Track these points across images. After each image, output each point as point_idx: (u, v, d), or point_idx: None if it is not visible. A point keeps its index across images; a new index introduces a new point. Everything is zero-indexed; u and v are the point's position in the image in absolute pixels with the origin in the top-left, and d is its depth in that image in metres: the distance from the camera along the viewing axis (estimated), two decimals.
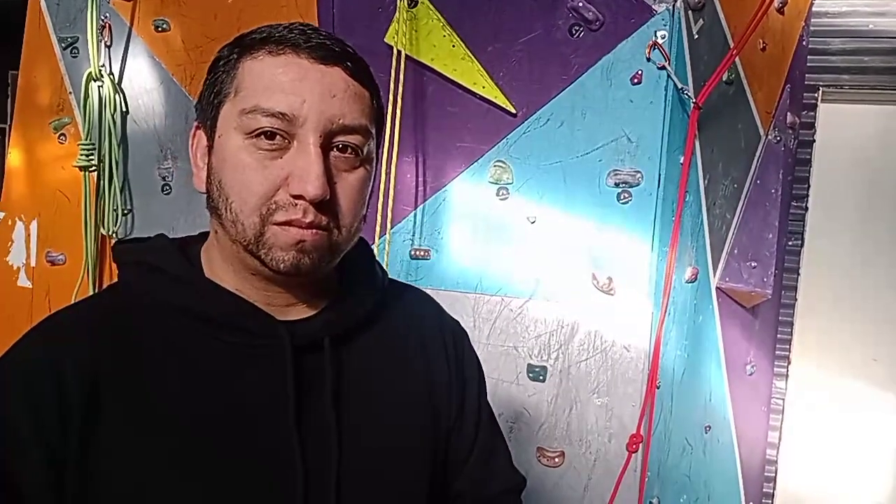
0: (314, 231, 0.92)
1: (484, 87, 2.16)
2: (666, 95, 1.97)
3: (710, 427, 2.38)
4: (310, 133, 0.90)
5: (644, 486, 2.00)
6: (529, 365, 2.13)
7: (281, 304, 1.02)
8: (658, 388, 2.01)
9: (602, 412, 2.05)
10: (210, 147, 0.97)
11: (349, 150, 0.94)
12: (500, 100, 2.15)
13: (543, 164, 2.12)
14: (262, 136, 0.90)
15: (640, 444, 1.95)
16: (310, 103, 0.90)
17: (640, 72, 2.00)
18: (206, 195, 0.99)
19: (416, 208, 2.28)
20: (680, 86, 1.96)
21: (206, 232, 1.07)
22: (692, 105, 1.99)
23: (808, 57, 3.12)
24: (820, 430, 3.59)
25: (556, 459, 2.09)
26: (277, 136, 0.90)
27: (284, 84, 0.90)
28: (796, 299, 3.49)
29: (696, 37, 2.06)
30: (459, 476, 1.18)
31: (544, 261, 2.12)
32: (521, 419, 2.14)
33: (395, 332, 1.14)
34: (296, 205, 0.90)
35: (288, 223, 0.91)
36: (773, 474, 3.53)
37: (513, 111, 2.14)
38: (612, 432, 2.03)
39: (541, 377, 2.12)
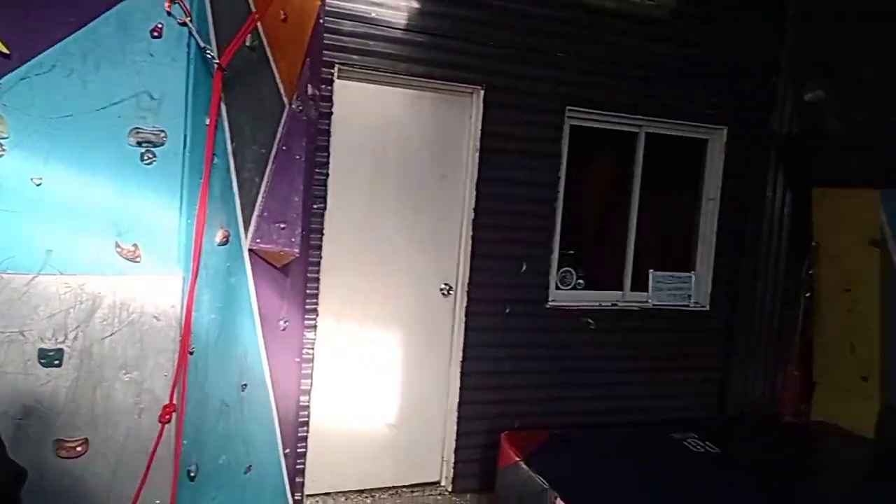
0: None
1: None
2: (189, 53, 1.91)
3: (246, 385, 2.46)
4: None
5: (179, 454, 1.96)
6: (41, 350, 1.85)
7: None
8: (192, 353, 1.98)
9: (131, 388, 1.92)
10: None
11: None
12: None
13: (51, 116, 1.83)
14: None
15: (173, 414, 1.90)
16: None
17: (160, 25, 1.89)
18: None
19: None
20: (202, 45, 1.92)
21: None
22: (216, 66, 1.97)
23: (325, 35, 3.40)
24: (342, 370, 4.09)
25: (79, 448, 1.88)
26: None
27: None
28: (321, 257, 3.87)
29: None
30: None
31: (56, 229, 1.85)
32: (34, 413, 1.85)
33: None
34: None
35: None
36: (307, 418, 3.89)
37: (4, 51, 1.79)
38: (142, 407, 1.93)
39: (56, 362, 1.86)
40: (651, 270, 4.77)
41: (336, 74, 3.77)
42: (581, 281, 4.76)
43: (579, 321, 4.53)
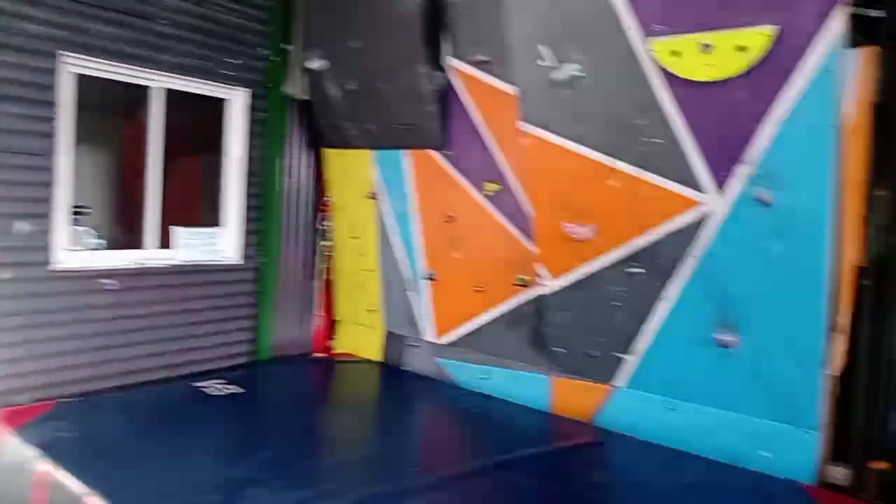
0: None
1: None
2: None
3: None
4: None
5: None
6: None
7: None
8: None
9: None
10: None
11: None
12: None
13: None
14: None
15: None
16: None
17: None
18: None
19: None
20: None
21: None
22: None
23: None
24: None
25: None
26: None
27: None
28: None
29: None
30: None
31: None
32: None
33: None
34: None
35: None
36: None
37: None
38: None
39: None
40: (176, 227, 4.78)
41: None
42: (103, 241, 4.51)
43: (96, 283, 4.29)
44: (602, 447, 3.92)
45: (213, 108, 5.01)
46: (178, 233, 4.79)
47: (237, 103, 5.05)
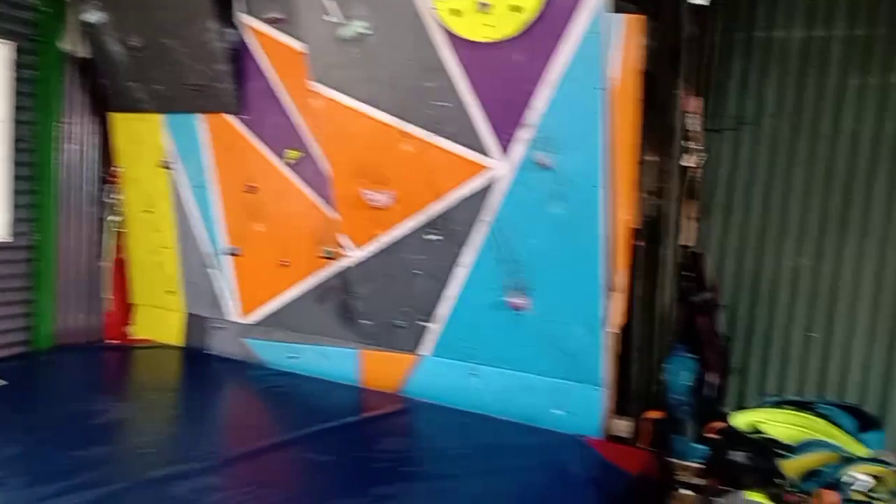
0: None
1: None
2: None
3: None
4: None
5: None
6: None
7: None
8: None
9: None
10: None
11: None
12: None
13: None
14: None
15: None
16: None
17: None
18: None
19: None
20: None
21: None
22: None
23: None
24: None
25: None
26: None
27: None
28: None
29: None
30: None
31: None
32: None
33: None
34: None
35: None
36: None
37: None
38: None
39: None
40: None
41: None
42: None
43: None
44: (406, 416, 3.89)
45: None
46: None
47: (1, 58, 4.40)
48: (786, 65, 4.06)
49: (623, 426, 3.72)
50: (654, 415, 3.65)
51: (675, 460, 3.47)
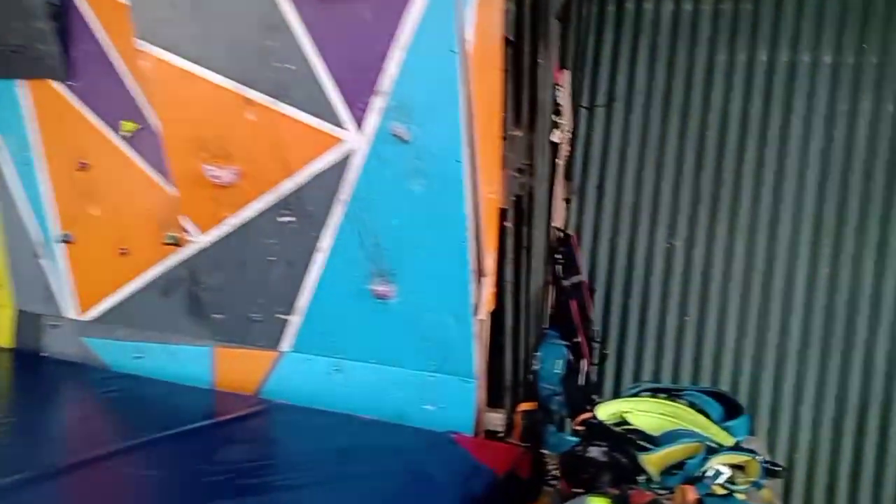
0: None
1: None
2: None
3: None
4: None
5: None
6: None
7: None
8: None
9: None
10: None
11: None
12: None
13: None
14: None
15: None
16: None
17: None
18: None
19: None
20: None
21: None
22: None
23: None
24: None
25: None
26: None
27: None
28: None
29: None
30: None
31: None
32: None
33: None
34: None
35: None
36: None
37: None
38: None
39: None
40: None
41: None
42: None
43: None
44: (259, 419, 3.49)
45: None
46: None
47: None
48: (655, 39, 3.92)
49: (497, 420, 3.50)
50: (526, 406, 3.45)
51: (548, 454, 3.27)
